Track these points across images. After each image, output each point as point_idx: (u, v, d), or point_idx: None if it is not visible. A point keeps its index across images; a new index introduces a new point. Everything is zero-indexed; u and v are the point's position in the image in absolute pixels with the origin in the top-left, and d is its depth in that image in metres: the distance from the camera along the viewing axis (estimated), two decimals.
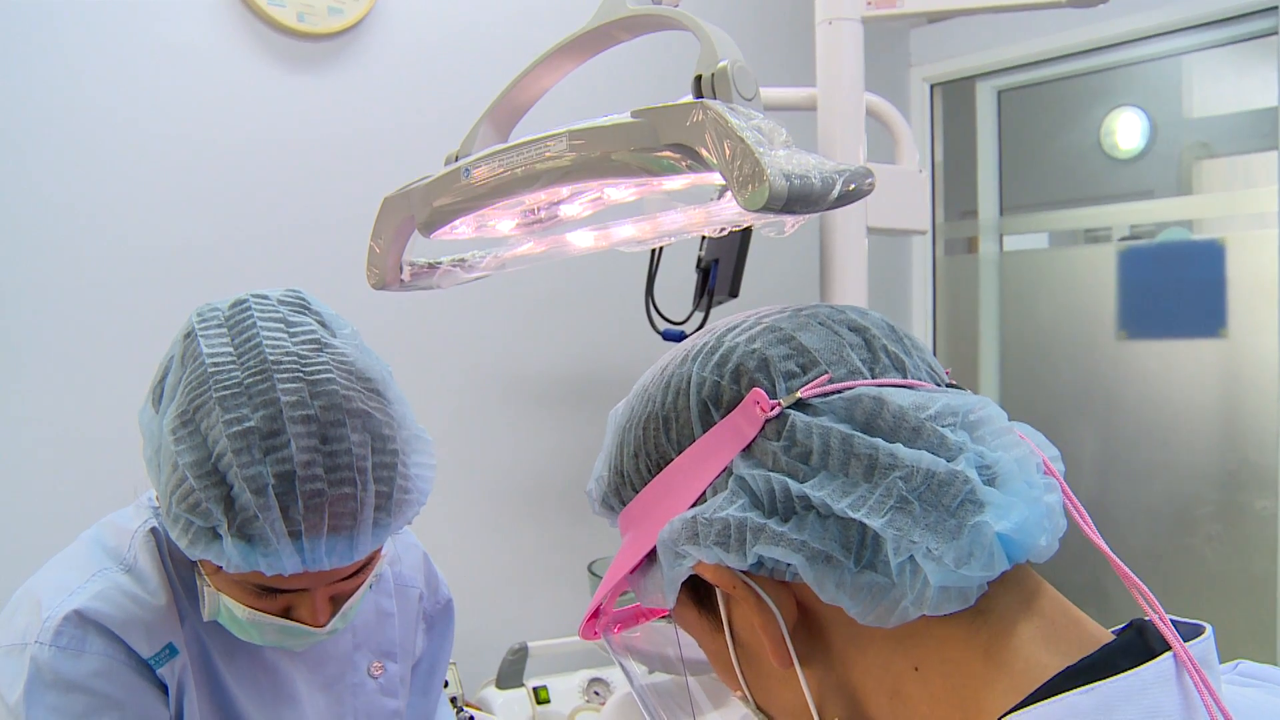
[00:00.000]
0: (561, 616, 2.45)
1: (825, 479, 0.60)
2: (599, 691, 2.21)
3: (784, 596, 0.64)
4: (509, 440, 2.44)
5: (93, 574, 1.07)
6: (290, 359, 0.99)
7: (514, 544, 2.48)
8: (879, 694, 0.64)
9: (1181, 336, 2.76)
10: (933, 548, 0.57)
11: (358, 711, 1.27)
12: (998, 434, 0.62)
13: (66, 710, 1.01)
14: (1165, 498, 2.80)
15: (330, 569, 1.00)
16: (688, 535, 0.64)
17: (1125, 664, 0.58)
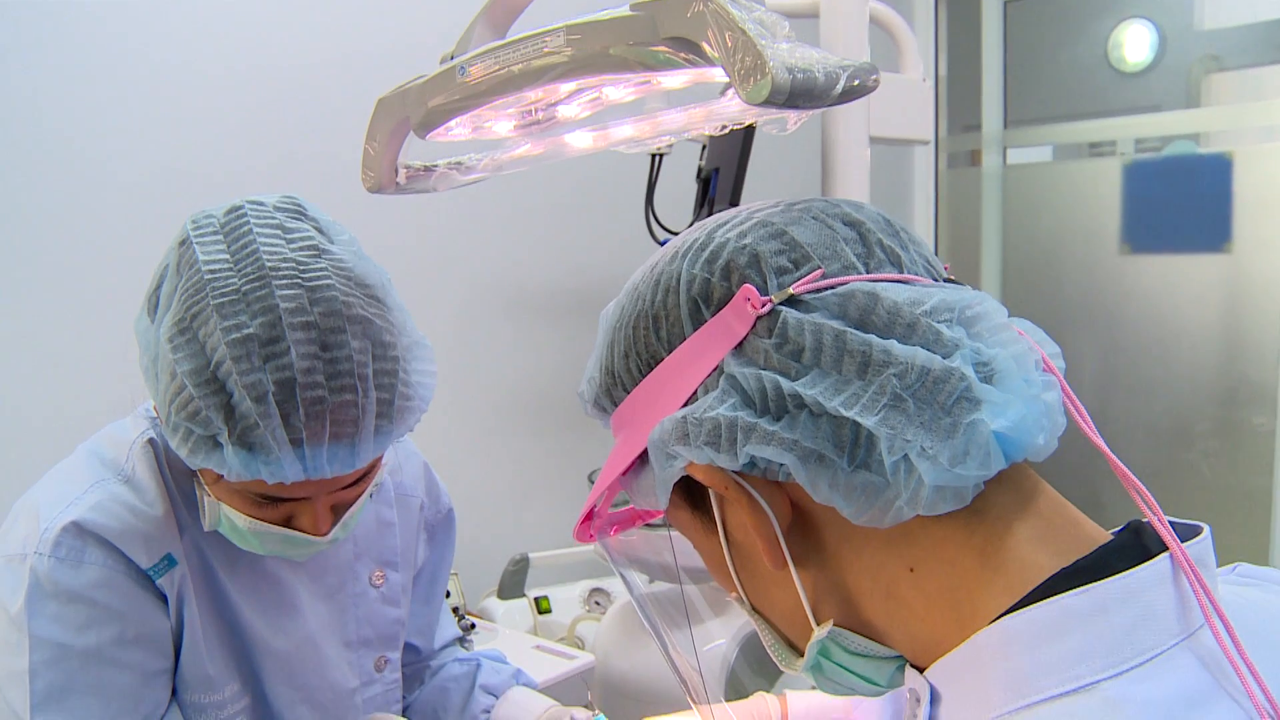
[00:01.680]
0: (562, 527, 2.47)
1: (818, 377, 0.59)
2: (600, 601, 2.24)
3: (777, 497, 0.64)
4: (510, 352, 2.44)
5: (90, 485, 1.07)
6: (288, 265, 0.97)
7: (515, 455, 2.49)
8: (874, 595, 0.64)
9: (1185, 251, 2.74)
10: (927, 446, 0.56)
11: (360, 621, 1.29)
12: (995, 330, 0.60)
13: (68, 620, 1.01)
14: (1164, 413, 2.81)
15: (332, 477, 0.99)
16: (678, 436, 0.63)
17: (1121, 565, 0.57)
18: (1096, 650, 0.55)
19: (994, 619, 0.58)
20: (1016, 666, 0.56)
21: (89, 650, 1.02)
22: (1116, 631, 0.55)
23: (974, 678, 0.58)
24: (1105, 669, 0.54)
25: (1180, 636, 0.56)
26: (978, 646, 0.58)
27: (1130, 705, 0.53)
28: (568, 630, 2.12)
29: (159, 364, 0.98)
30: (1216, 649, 0.56)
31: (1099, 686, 0.54)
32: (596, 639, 1.97)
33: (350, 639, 1.28)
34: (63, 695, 1.01)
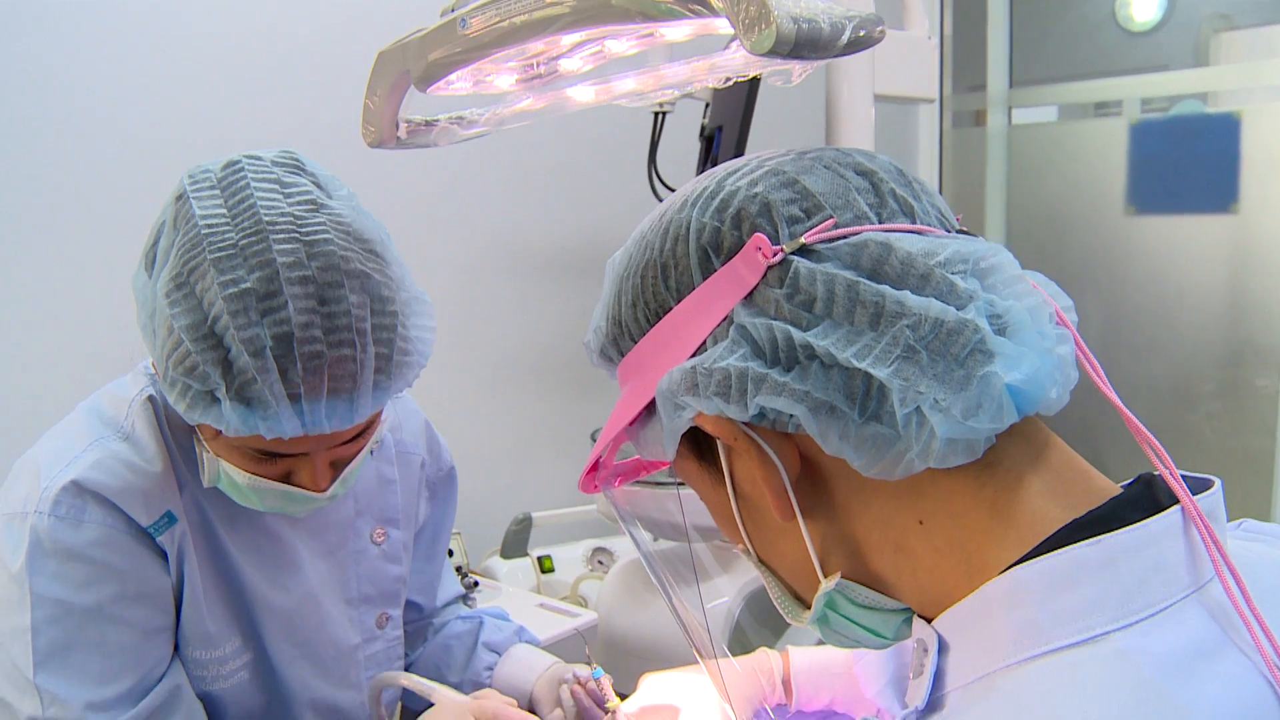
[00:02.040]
0: (565, 487, 2.48)
1: (829, 327, 0.59)
2: (603, 561, 2.25)
3: (786, 448, 0.63)
4: (512, 311, 2.43)
5: (90, 443, 1.07)
6: (286, 220, 0.97)
7: (517, 415, 2.49)
8: (882, 548, 0.64)
9: (1191, 212, 2.72)
10: (940, 398, 0.56)
11: (360, 578, 1.29)
12: (1009, 282, 0.60)
13: (68, 578, 1.02)
14: (1167, 375, 2.80)
15: (330, 432, 0.99)
16: (687, 386, 0.62)
17: (1132, 517, 0.57)
18: (1107, 601, 0.55)
19: (1004, 570, 0.58)
20: (1026, 617, 0.56)
21: (90, 608, 1.03)
22: (1127, 583, 0.55)
23: (982, 628, 0.58)
24: (1116, 620, 0.54)
25: (1190, 589, 0.56)
26: (987, 597, 0.58)
27: (1141, 656, 0.53)
28: (571, 589, 2.13)
29: (156, 320, 0.97)
30: (1225, 602, 0.56)
31: (1109, 637, 0.54)
32: (599, 597, 1.98)
33: (351, 596, 1.28)
34: (65, 652, 1.01)
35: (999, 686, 0.56)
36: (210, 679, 1.15)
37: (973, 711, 0.56)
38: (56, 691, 1.00)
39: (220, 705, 1.17)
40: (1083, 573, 0.55)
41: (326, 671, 1.26)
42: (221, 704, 1.17)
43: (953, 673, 0.61)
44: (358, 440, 1.08)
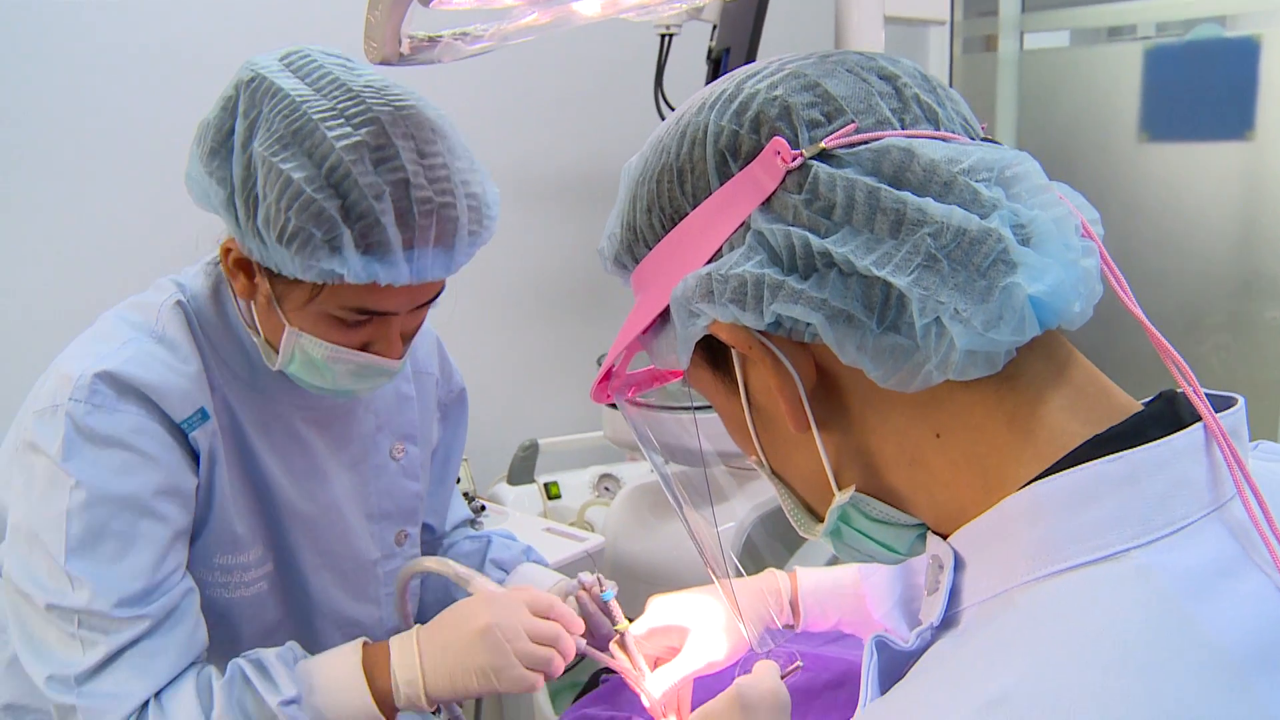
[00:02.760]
0: (572, 413, 2.49)
1: (849, 234, 0.57)
2: (609, 487, 2.26)
3: (802, 358, 0.62)
4: (518, 238, 2.42)
5: (123, 342, 1.08)
6: (369, 89, 1.01)
7: (525, 342, 2.49)
8: (898, 461, 0.63)
9: (1206, 139, 2.68)
10: (960, 309, 0.55)
11: (380, 493, 1.30)
12: (1035, 191, 0.58)
13: (104, 464, 1.02)
14: (1176, 306, 2.78)
15: (430, 282, 1.05)
16: (702, 292, 0.61)
17: (1154, 433, 0.56)
18: (1128, 518, 0.54)
19: (1023, 486, 0.57)
20: (1045, 533, 0.55)
21: (125, 496, 1.03)
22: (1148, 500, 0.54)
23: (1000, 544, 0.58)
24: (1136, 537, 0.54)
25: (1211, 507, 0.56)
26: (1005, 513, 0.58)
27: (1161, 573, 0.52)
28: (577, 515, 2.14)
29: (262, 183, 0.99)
30: (1245, 520, 0.56)
31: (1129, 554, 0.53)
32: (606, 522, 1.99)
33: (372, 511, 1.30)
34: (96, 541, 1.01)
35: (1016, 603, 0.55)
36: (233, 585, 1.15)
37: (989, 628, 0.56)
38: (85, 578, 1.00)
39: (237, 619, 1.18)
40: (1103, 489, 0.55)
41: (347, 583, 1.28)
42: (239, 618, 1.18)
43: (969, 589, 0.60)
44: (425, 308, 1.12)
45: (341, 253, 0.98)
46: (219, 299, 1.15)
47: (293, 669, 1.05)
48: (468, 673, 1.04)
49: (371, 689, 1.04)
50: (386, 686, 1.05)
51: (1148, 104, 2.78)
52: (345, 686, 1.04)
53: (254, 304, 1.11)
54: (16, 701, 1.19)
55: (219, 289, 1.15)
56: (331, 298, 1.03)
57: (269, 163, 0.97)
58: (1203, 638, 0.50)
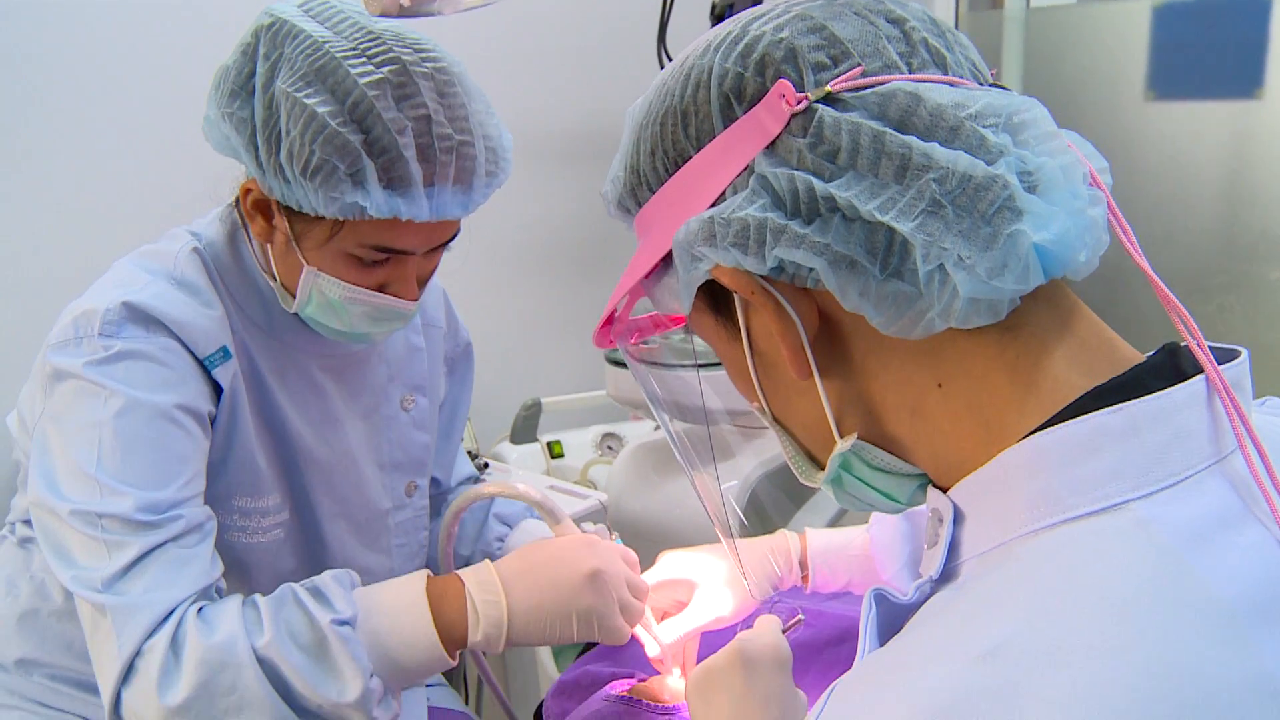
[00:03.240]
0: (574, 372, 2.49)
1: (853, 179, 0.57)
2: (612, 446, 2.26)
3: (805, 304, 0.62)
4: (520, 196, 2.40)
5: (145, 282, 1.08)
6: (389, 32, 1.04)
7: (528, 300, 2.49)
8: (899, 410, 0.63)
9: (1213, 98, 2.66)
10: (964, 256, 0.54)
11: (392, 444, 1.31)
12: (1043, 138, 0.57)
13: (139, 374, 1.02)
14: (1179, 266, 2.77)
15: (446, 222, 1.08)
16: (704, 236, 0.61)
17: (1155, 385, 0.56)
18: (1128, 470, 0.54)
19: (1023, 437, 0.57)
20: (1044, 485, 0.55)
21: (157, 406, 1.02)
22: (1149, 452, 0.54)
23: (999, 496, 0.58)
24: (1136, 489, 0.53)
25: (1212, 460, 0.55)
26: (1005, 464, 0.58)
27: (1160, 525, 0.52)
28: (580, 473, 2.15)
29: (285, 119, 1.00)
30: (1247, 474, 0.56)
31: (1129, 506, 0.53)
32: (608, 481, 1.99)
33: (384, 461, 1.31)
34: (127, 448, 1.00)
35: (1015, 554, 0.55)
36: (251, 530, 1.16)
37: (987, 580, 0.56)
38: (115, 484, 0.99)
39: (252, 565, 1.19)
40: (1103, 441, 0.54)
41: (360, 532, 1.29)
42: (254, 564, 1.19)
43: (968, 542, 0.60)
44: (441, 250, 1.15)
45: (364, 186, 0.99)
46: (235, 246, 1.16)
47: (348, 590, 1.01)
48: (567, 617, 1.00)
49: (437, 620, 1.00)
50: (454, 619, 1.01)
51: (1155, 62, 2.75)
52: (407, 613, 0.99)
53: (271, 247, 1.12)
54: (28, 656, 1.20)
55: (235, 236, 1.16)
56: (351, 235, 1.04)
57: (292, 98, 0.99)
58: (1201, 590, 0.50)
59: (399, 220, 1.02)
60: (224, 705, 0.92)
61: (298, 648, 0.95)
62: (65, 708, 1.20)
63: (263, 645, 0.94)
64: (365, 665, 0.95)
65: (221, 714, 0.92)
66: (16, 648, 1.20)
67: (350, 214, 1.01)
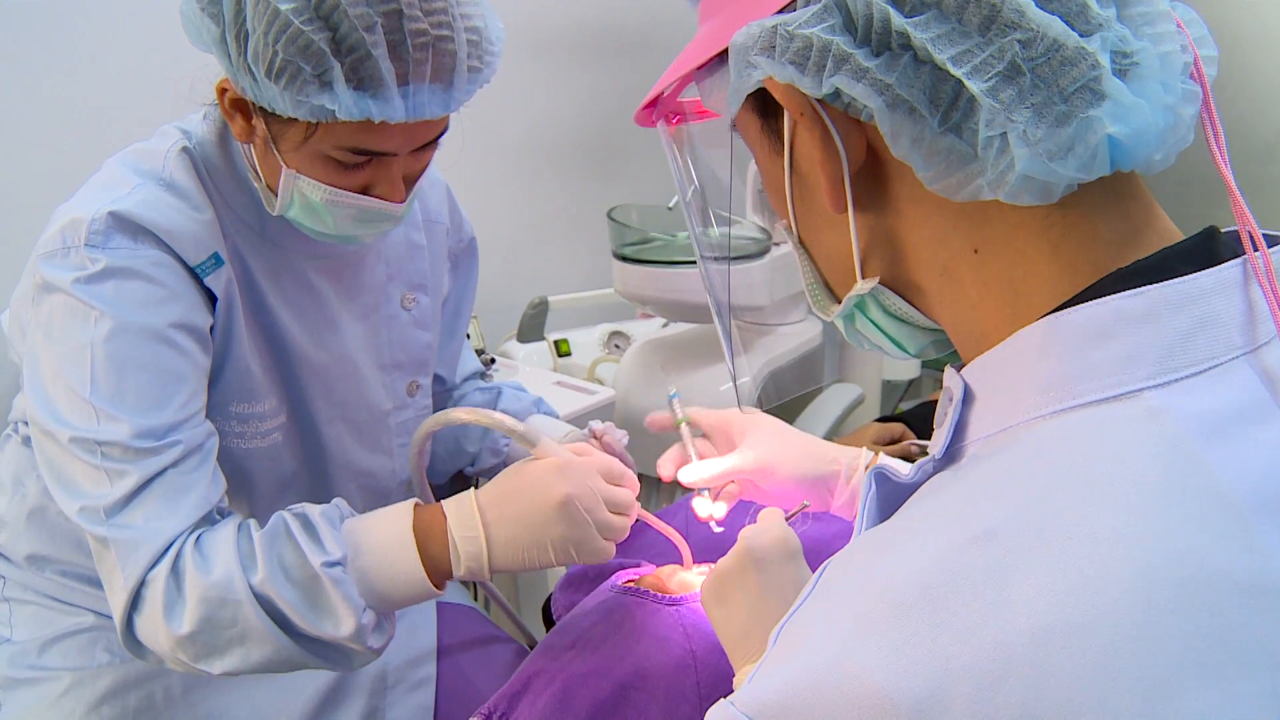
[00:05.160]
0: (582, 270, 2.47)
1: (934, 19, 0.51)
2: (619, 344, 2.26)
3: (854, 135, 0.58)
4: (529, 93, 2.37)
5: (133, 186, 1.05)
6: None
7: (535, 198, 2.46)
8: (930, 266, 0.60)
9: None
10: (1031, 131, 0.50)
11: (392, 343, 1.29)
12: (1152, 19, 0.52)
13: (128, 295, 1.00)
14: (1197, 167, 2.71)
15: (430, 121, 1.02)
16: (763, 45, 0.56)
17: (1183, 269, 0.52)
18: (1145, 357, 0.51)
19: (1040, 317, 0.55)
20: (1055, 368, 0.53)
21: (148, 326, 1.01)
22: (1169, 338, 0.51)
23: (1011, 378, 0.55)
24: (1152, 376, 0.51)
25: (1242, 350, 0.52)
26: (1018, 344, 0.55)
27: (1172, 415, 0.50)
28: (587, 371, 2.14)
29: (249, 19, 0.94)
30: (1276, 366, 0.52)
31: (1143, 394, 0.51)
32: (616, 377, 1.99)
33: (384, 361, 1.29)
34: (120, 371, 0.99)
35: (1019, 439, 0.53)
36: (248, 435, 1.15)
37: (988, 463, 0.54)
38: (110, 409, 0.98)
39: (252, 470, 1.19)
40: (1121, 325, 0.52)
41: (360, 435, 1.28)
42: (254, 469, 1.19)
43: (975, 424, 0.58)
44: (429, 149, 1.09)
45: (332, 88, 0.94)
46: (225, 145, 1.12)
47: (338, 528, 1.01)
48: (543, 547, 0.99)
49: (423, 556, 1.00)
50: (439, 554, 1.01)
51: None
52: (394, 550, 1.00)
53: (253, 147, 1.08)
54: (38, 552, 1.21)
55: (224, 135, 1.13)
56: (327, 137, 1.00)
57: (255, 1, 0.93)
58: (1208, 482, 0.48)
59: (372, 124, 0.98)
60: (228, 636, 0.95)
61: (292, 585, 0.97)
62: (77, 602, 1.22)
63: (258, 582, 0.95)
64: (358, 603, 0.97)
65: (226, 644, 0.96)
66: (26, 544, 1.21)
67: (320, 117, 0.97)
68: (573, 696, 0.96)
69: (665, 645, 1.00)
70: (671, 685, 0.97)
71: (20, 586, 1.23)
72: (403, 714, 1.30)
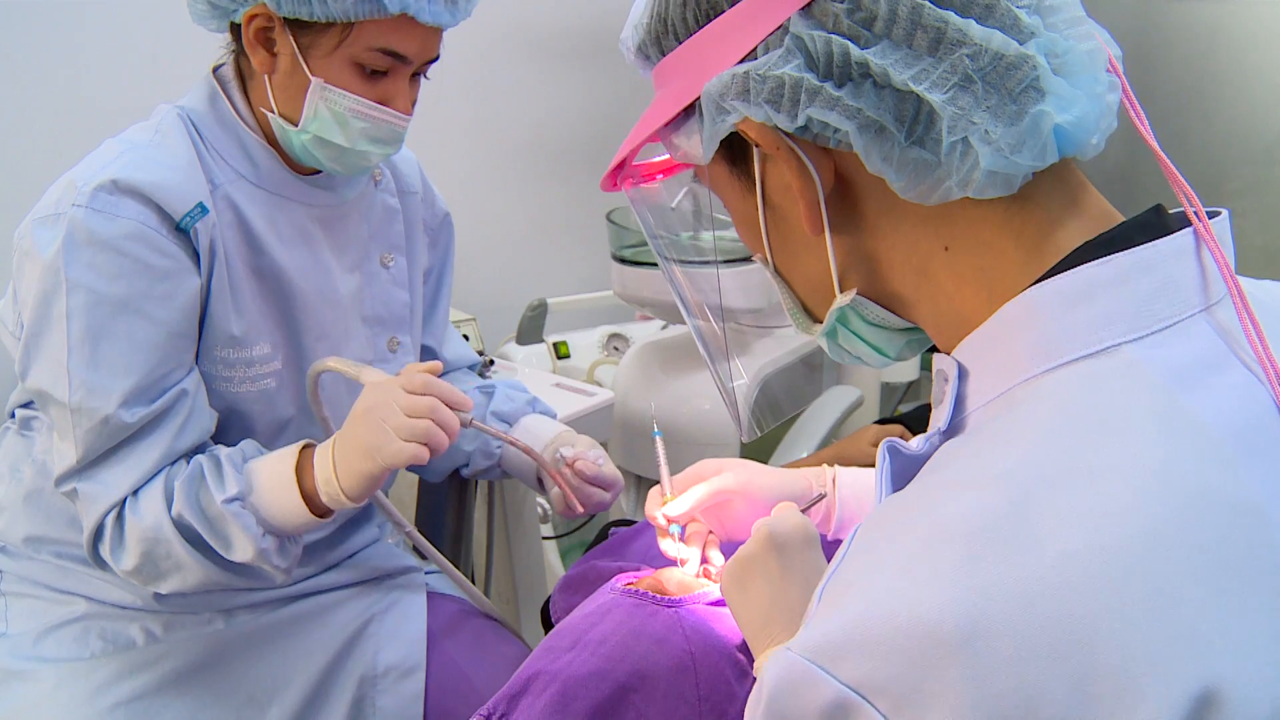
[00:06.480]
0: (580, 273, 2.47)
1: (888, 48, 0.58)
2: (618, 346, 2.26)
3: (824, 162, 0.64)
4: (528, 95, 2.37)
5: (122, 152, 1.14)
6: None
7: (533, 200, 2.46)
8: (905, 270, 0.66)
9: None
10: (991, 130, 0.57)
11: (374, 299, 1.36)
12: (1071, 23, 0.60)
13: (101, 268, 1.08)
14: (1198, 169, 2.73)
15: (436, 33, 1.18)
16: (738, 90, 0.62)
17: (1142, 239, 0.59)
18: (1119, 316, 0.58)
19: (1020, 293, 0.61)
20: (1041, 333, 0.59)
21: (119, 299, 1.09)
22: (1138, 299, 0.58)
23: (1001, 349, 0.61)
24: (1127, 333, 0.57)
25: (1198, 308, 0.59)
26: (1004, 319, 0.61)
27: (1149, 365, 0.57)
28: (586, 373, 2.14)
29: None
30: (1231, 321, 0.60)
31: (1121, 349, 0.57)
32: (615, 380, 1.99)
33: (366, 315, 1.35)
34: (96, 340, 1.09)
35: (1017, 398, 0.59)
36: (236, 380, 1.22)
37: (992, 425, 0.60)
38: (86, 377, 1.09)
39: (246, 412, 1.25)
40: (1095, 290, 0.58)
41: (349, 382, 1.31)
42: (248, 412, 1.25)
43: (973, 396, 0.64)
44: (418, 80, 1.23)
45: None
46: (216, 107, 1.22)
47: (240, 468, 1.14)
48: (360, 456, 1.10)
49: (301, 489, 1.13)
50: (314, 491, 1.14)
51: None
52: (279, 487, 1.13)
53: (271, 79, 1.17)
54: (35, 534, 1.27)
55: (214, 98, 1.22)
56: (359, 39, 1.12)
57: None
58: (1191, 419, 0.55)
59: (402, 24, 1.12)
60: (165, 566, 1.13)
61: (203, 520, 1.12)
62: (72, 589, 1.27)
63: (176, 518, 1.11)
64: (255, 531, 1.12)
65: (165, 571, 1.14)
66: (24, 526, 1.27)
67: (362, 14, 1.10)
68: (572, 698, 0.96)
69: (664, 647, 1.00)
70: (671, 687, 0.97)
71: (15, 578, 1.28)
72: (394, 701, 1.35)
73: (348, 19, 1.11)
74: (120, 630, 1.26)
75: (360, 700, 1.34)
